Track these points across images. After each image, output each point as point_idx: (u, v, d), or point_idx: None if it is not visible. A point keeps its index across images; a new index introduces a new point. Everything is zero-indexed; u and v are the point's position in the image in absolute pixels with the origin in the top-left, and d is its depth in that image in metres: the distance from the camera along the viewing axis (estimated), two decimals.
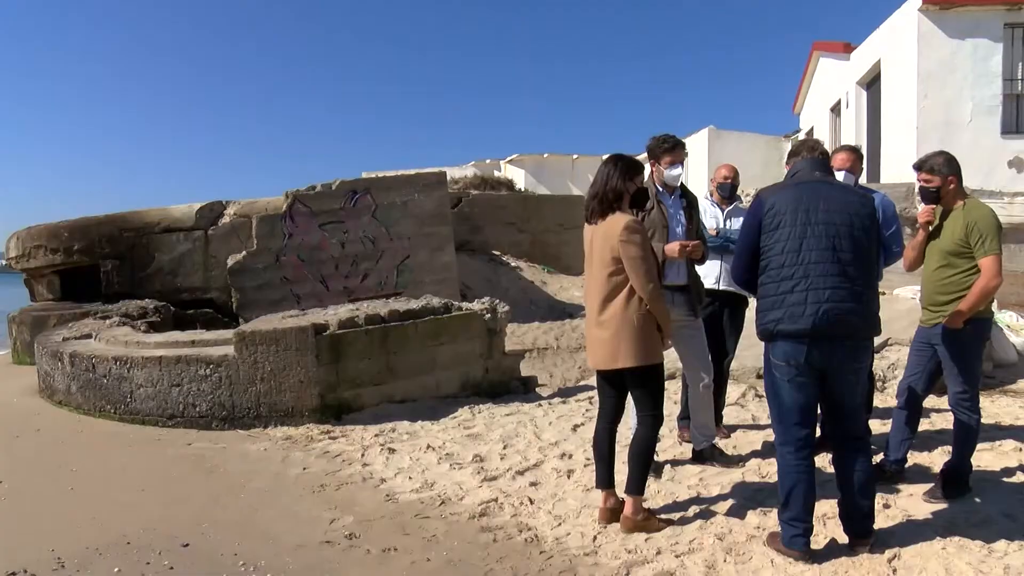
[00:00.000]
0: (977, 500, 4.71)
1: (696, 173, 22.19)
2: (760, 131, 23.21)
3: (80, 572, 4.20)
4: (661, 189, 5.32)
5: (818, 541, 4.10)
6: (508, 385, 8.54)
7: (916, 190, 5.20)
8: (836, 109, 18.99)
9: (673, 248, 5.06)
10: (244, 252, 12.66)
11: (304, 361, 7.14)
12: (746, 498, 4.85)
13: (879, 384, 7.67)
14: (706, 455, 5.49)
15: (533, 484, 5.33)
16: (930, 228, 4.97)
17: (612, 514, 4.50)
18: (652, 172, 5.34)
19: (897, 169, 13.93)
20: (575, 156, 34.39)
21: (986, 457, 5.49)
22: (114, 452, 6.60)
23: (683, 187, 5.46)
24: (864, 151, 15.27)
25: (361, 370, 7.45)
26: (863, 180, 6.36)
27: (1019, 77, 13.61)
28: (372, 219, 13.14)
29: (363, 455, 6.21)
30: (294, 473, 5.85)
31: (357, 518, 4.87)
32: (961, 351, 4.73)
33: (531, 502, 4.97)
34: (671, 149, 5.26)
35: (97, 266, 13.26)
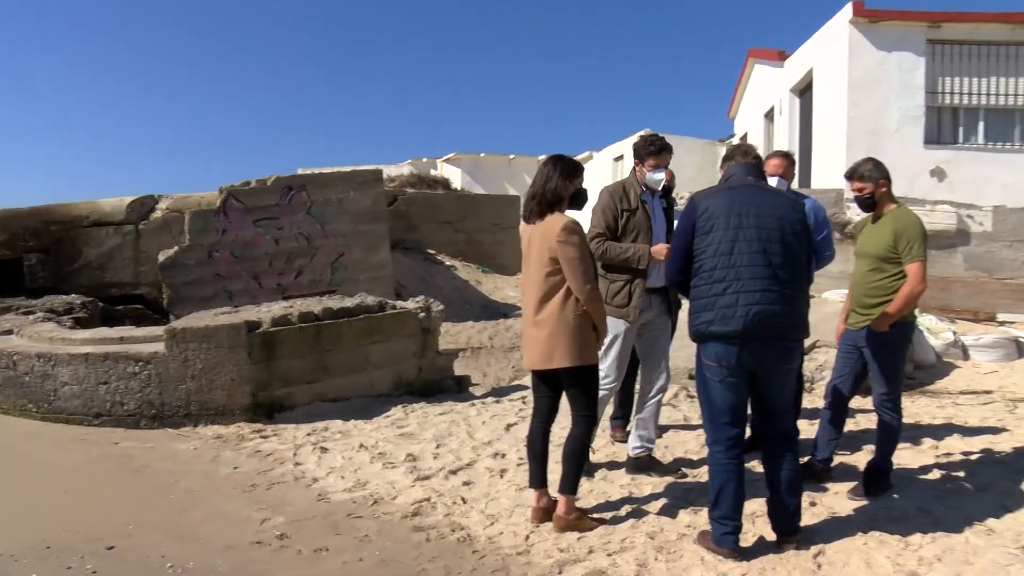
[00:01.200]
0: (896, 496, 4.87)
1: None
2: (696, 135, 23.55)
3: None
4: (644, 190, 5.29)
5: (747, 539, 4.19)
6: (442, 384, 8.53)
7: (851, 199, 5.33)
8: (770, 115, 19.33)
9: (660, 250, 4.99)
10: (176, 248, 12.42)
11: (236, 359, 7.03)
12: (677, 497, 4.92)
13: (808, 385, 7.84)
14: (643, 464, 5.44)
15: (466, 483, 5.33)
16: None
17: (545, 513, 4.52)
18: (636, 172, 5.33)
19: (828, 175, 14.26)
20: (512, 156, 34.57)
21: (906, 455, 5.68)
22: (35, 452, 6.39)
23: (665, 189, 5.46)
24: (796, 157, 15.65)
25: (294, 368, 7.37)
26: (795, 185, 6.50)
27: (940, 90, 14.06)
28: (307, 216, 13.01)
29: (295, 454, 6.14)
30: (224, 472, 5.76)
31: (288, 518, 4.81)
32: (886, 353, 4.88)
33: (464, 501, 4.98)
34: (656, 153, 5.20)
35: (20, 260, 12.86)
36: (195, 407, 7.02)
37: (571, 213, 4.50)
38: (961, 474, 5.35)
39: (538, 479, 4.61)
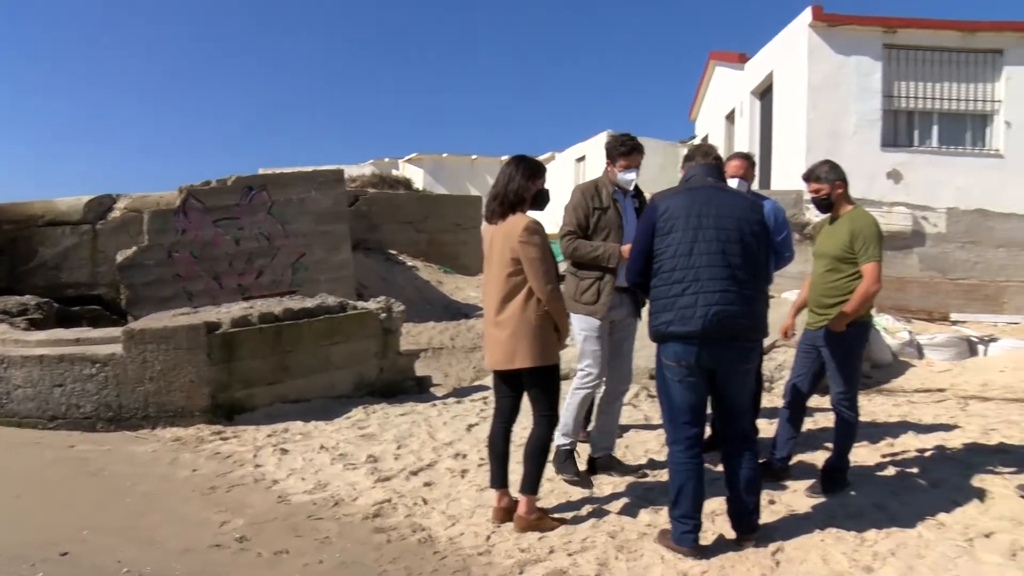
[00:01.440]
0: (853, 493, 4.94)
1: (595, 176, 22.47)
2: (657, 136, 23.70)
3: None
4: (616, 189, 5.29)
5: (707, 537, 4.22)
6: (403, 385, 8.52)
7: (808, 200, 5.41)
8: (731, 117, 19.50)
9: (628, 249, 4.99)
10: (135, 248, 12.29)
11: (195, 360, 6.96)
12: (638, 496, 4.95)
13: (767, 384, 7.93)
14: (601, 465, 5.45)
15: (427, 484, 5.32)
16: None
17: (506, 513, 4.53)
18: (607, 171, 5.34)
19: (787, 176, 14.43)
20: (474, 156, 34.61)
21: (862, 453, 5.78)
22: None
23: (637, 188, 5.46)
24: (756, 158, 15.83)
25: (254, 369, 7.31)
26: (755, 186, 6.57)
27: (896, 94, 14.30)
28: (268, 216, 12.95)
29: (255, 456, 6.10)
30: (183, 475, 5.70)
31: (248, 520, 4.77)
32: (843, 353, 4.94)
33: (425, 502, 4.97)
34: (627, 153, 5.22)
35: None
36: (153, 409, 6.94)
37: (533, 213, 4.51)
38: (915, 471, 5.45)
39: (499, 479, 4.61)
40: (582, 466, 5.38)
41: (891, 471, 5.46)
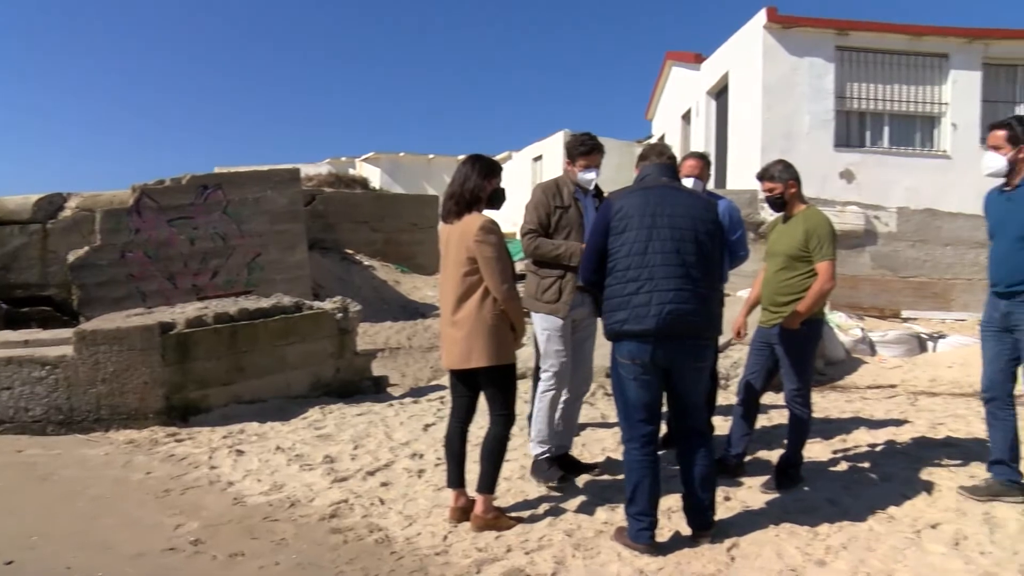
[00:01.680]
0: (807, 489, 5.01)
1: (552, 175, 22.55)
2: (614, 136, 23.78)
3: None
4: (577, 188, 5.27)
5: (663, 534, 4.26)
6: (359, 385, 8.48)
7: (762, 199, 5.48)
8: (687, 117, 19.67)
9: None
10: (87, 247, 12.07)
11: (149, 361, 6.87)
12: (594, 494, 4.97)
13: (723, 382, 8.00)
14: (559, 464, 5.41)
15: (384, 484, 5.30)
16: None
17: (463, 513, 4.52)
18: (567, 170, 5.32)
19: (743, 176, 14.61)
20: (431, 156, 34.59)
21: (816, 448, 5.87)
22: None
23: (597, 188, 5.45)
24: (712, 158, 16.00)
25: (209, 370, 7.23)
26: (711, 186, 6.64)
27: (848, 95, 14.54)
28: (223, 215, 12.82)
29: (210, 457, 6.03)
30: (137, 478, 5.61)
31: (203, 523, 4.71)
32: (797, 350, 5.01)
33: (382, 502, 4.95)
34: (587, 153, 5.19)
35: None
36: (106, 411, 6.83)
37: (490, 213, 4.52)
38: (867, 465, 5.55)
39: (456, 479, 4.61)
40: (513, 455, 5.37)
41: (844, 466, 5.56)
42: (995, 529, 4.30)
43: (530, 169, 26.96)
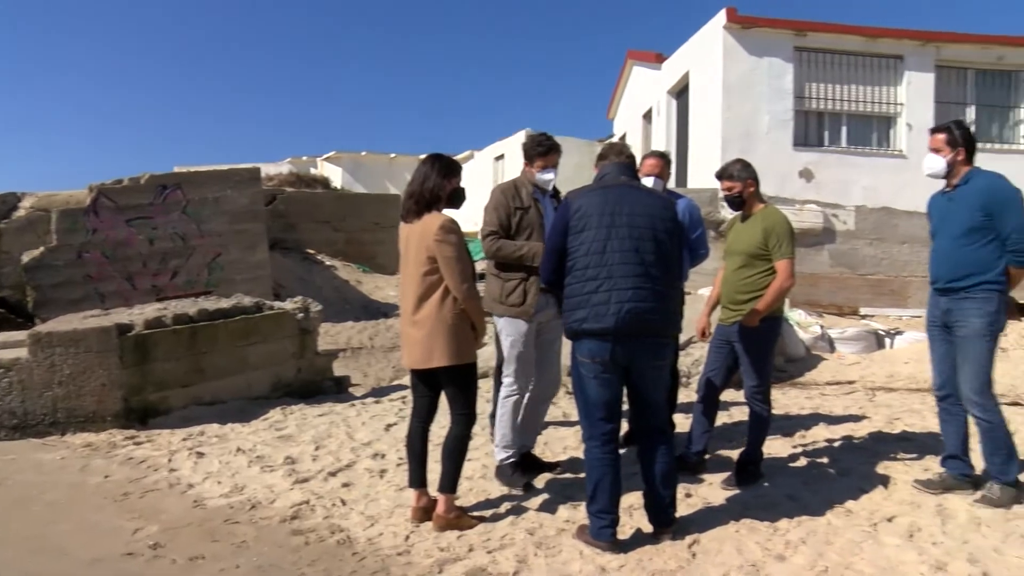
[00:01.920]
0: (767, 485, 5.07)
1: (514, 174, 22.57)
2: (576, 135, 23.89)
3: None
4: (535, 189, 5.25)
5: (624, 531, 4.27)
6: (321, 385, 8.45)
7: (722, 198, 5.53)
8: (648, 116, 19.73)
9: None
10: (42, 248, 11.90)
11: (107, 363, 6.77)
12: (556, 493, 4.98)
13: (683, 380, 8.06)
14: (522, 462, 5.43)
15: (345, 485, 5.28)
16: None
17: (425, 513, 4.52)
18: (525, 171, 5.30)
19: (703, 175, 14.68)
20: (393, 155, 34.50)
21: (776, 445, 5.94)
22: None
23: (555, 188, 5.44)
24: (673, 157, 16.07)
25: (168, 371, 7.16)
26: (672, 185, 6.68)
27: (807, 95, 14.70)
28: (183, 215, 12.72)
29: (170, 460, 5.96)
30: (94, 482, 5.53)
31: (163, 526, 4.65)
32: (756, 347, 5.06)
33: (344, 503, 4.93)
34: (544, 154, 5.18)
35: None
36: (62, 415, 6.72)
37: (450, 212, 4.51)
38: (825, 461, 5.63)
39: (417, 479, 4.60)
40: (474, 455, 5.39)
41: (803, 462, 5.63)
42: (947, 520, 4.41)
43: (492, 168, 26.96)
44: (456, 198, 4.53)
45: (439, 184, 4.42)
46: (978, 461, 4.85)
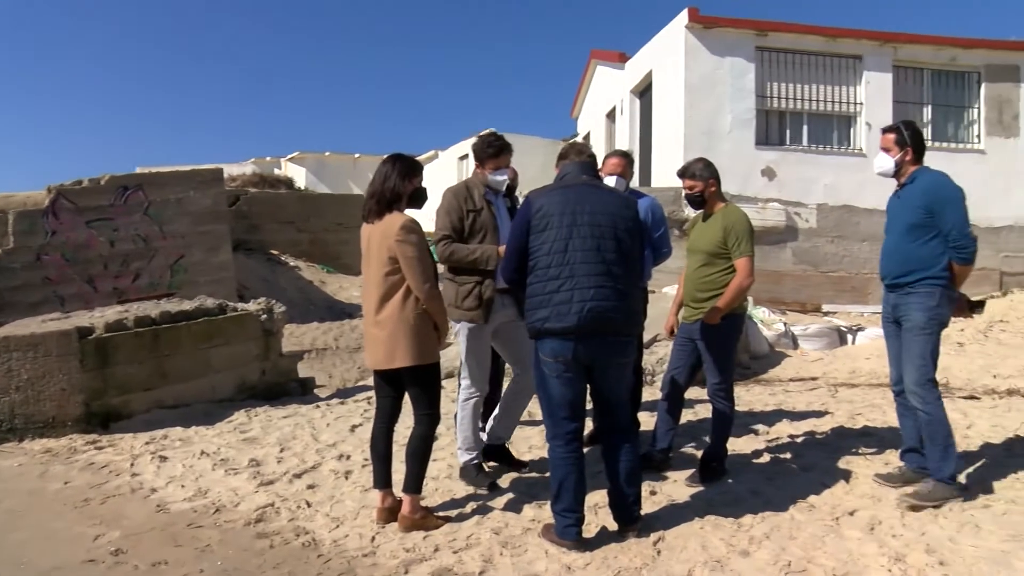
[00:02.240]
0: (731, 481, 5.12)
1: None
2: (539, 134, 23.92)
3: None
4: (488, 190, 5.20)
5: (590, 530, 4.28)
6: (285, 387, 8.40)
7: (683, 196, 5.57)
8: (611, 115, 19.82)
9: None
10: None
11: (67, 367, 6.67)
12: (521, 492, 4.99)
13: (648, 378, 8.12)
14: (491, 453, 5.48)
15: (311, 487, 5.25)
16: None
17: (390, 514, 4.50)
18: (476, 173, 5.25)
19: (667, 174, 14.76)
20: (357, 155, 34.37)
21: (740, 442, 6.00)
22: None
23: (509, 188, 5.42)
24: (637, 156, 16.16)
25: (131, 375, 7.07)
26: (636, 183, 6.71)
27: (769, 95, 14.85)
28: (144, 216, 12.60)
29: (132, 465, 5.88)
30: (54, 488, 5.44)
31: (125, 532, 4.59)
32: (718, 345, 5.10)
33: (308, 505, 4.90)
34: (496, 155, 5.13)
35: None
36: (20, 421, 6.60)
37: (412, 212, 4.50)
38: (789, 456, 5.69)
39: (382, 480, 4.58)
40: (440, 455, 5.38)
41: (767, 458, 5.69)
42: (906, 513, 4.48)
43: (456, 167, 26.92)
44: (417, 198, 4.52)
45: (400, 184, 4.41)
46: None
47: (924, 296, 4.68)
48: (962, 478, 4.92)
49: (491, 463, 5.47)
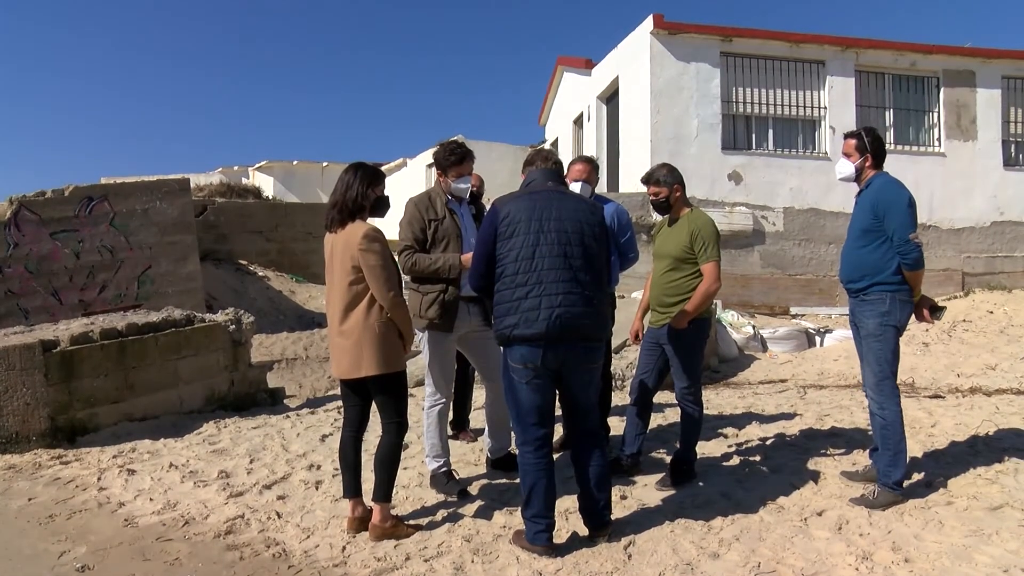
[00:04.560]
0: (701, 484, 5.15)
1: None
2: (508, 141, 23.95)
3: None
4: (451, 198, 5.20)
5: (560, 535, 4.29)
6: (255, 397, 8.34)
7: (649, 202, 5.61)
8: (579, 121, 19.90)
9: (470, 258, 4.76)
10: None
11: (31, 381, 6.57)
12: (492, 499, 5.00)
13: (618, 383, 8.14)
14: (502, 464, 5.51)
15: (281, 497, 5.21)
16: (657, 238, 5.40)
17: (361, 523, 4.48)
18: (439, 182, 5.25)
19: (634, 179, 14.83)
20: (325, 164, 34.19)
21: (710, 445, 6.05)
22: None
23: (472, 196, 5.43)
24: (604, 162, 16.24)
25: (97, 388, 6.97)
26: (603, 189, 6.73)
27: (734, 100, 15.00)
28: (110, 227, 12.43)
29: (99, 479, 5.80)
30: (17, 505, 5.33)
31: (91, 548, 4.52)
32: (686, 349, 5.13)
33: (279, 516, 4.86)
34: (458, 163, 5.14)
35: None
36: None
37: (375, 221, 4.49)
38: (758, 458, 5.74)
39: (352, 489, 4.57)
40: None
41: (736, 460, 5.73)
42: (873, 512, 4.54)
43: (424, 175, 26.88)
44: (380, 206, 4.51)
45: (362, 193, 4.39)
46: None
47: (875, 303, 4.77)
48: (924, 476, 5.03)
49: (503, 474, 5.46)
